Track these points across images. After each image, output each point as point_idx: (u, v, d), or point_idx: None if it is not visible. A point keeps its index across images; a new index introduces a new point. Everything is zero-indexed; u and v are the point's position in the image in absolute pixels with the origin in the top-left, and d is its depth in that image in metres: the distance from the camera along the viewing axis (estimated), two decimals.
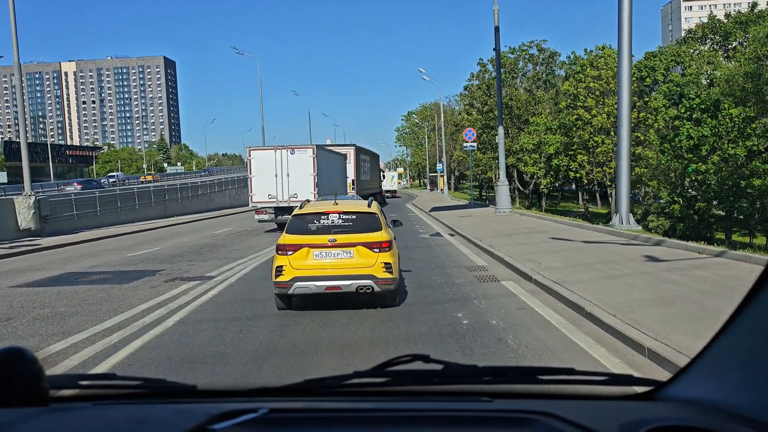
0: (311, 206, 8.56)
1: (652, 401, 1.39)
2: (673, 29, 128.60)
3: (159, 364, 5.90)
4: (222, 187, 49.71)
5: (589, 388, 1.48)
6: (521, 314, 7.50)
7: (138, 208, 34.29)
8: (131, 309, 8.68)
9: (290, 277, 7.63)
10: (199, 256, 15.30)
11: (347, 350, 6.21)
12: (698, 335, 5.58)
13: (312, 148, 22.59)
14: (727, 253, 10.50)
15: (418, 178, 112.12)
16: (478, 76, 52.45)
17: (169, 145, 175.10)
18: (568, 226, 18.49)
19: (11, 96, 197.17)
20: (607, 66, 40.37)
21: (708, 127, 31.90)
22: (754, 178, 29.78)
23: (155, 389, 1.54)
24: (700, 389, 1.25)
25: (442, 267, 11.88)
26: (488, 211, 28.12)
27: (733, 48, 48.99)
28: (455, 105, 79.82)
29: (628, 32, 15.83)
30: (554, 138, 43.48)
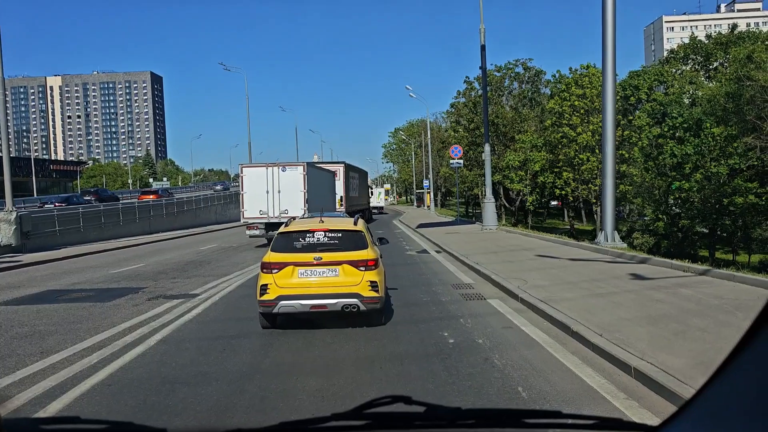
0: (297, 224, 8.44)
1: None
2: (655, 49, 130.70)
3: (139, 385, 5.78)
4: (208, 203, 49.43)
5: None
6: (507, 333, 7.47)
7: (122, 224, 33.97)
8: (112, 328, 8.53)
9: (275, 295, 7.53)
10: (183, 273, 15.13)
11: (332, 370, 6.12)
12: (684, 355, 5.57)
13: (303, 166, 23.07)
14: (712, 271, 10.56)
15: (405, 194, 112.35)
16: (464, 94, 52.89)
17: (155, 160, 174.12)
18: (554, 244, 18.55)
19: None
20: (591, 84, 40.90)
21: (691, 146, 32.35)
22: (737, 196, 30.16)
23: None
24: None
25: (428, 285, 11.83)
26: (475, 228, 28.17)
27: (714, 68, 49.84)
28: (442, 122, 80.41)
29: (612, 51, 16.03)
30: (540, 155, 43.84)
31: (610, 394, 5.02)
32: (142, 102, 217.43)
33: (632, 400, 4.85)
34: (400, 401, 1.41)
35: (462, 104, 53.61)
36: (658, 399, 4.80)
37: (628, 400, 4.88)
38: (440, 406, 1.44)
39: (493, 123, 45.42)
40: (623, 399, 4.90)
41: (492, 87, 47.67)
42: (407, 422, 1.41)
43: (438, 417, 1.44)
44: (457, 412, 1.42)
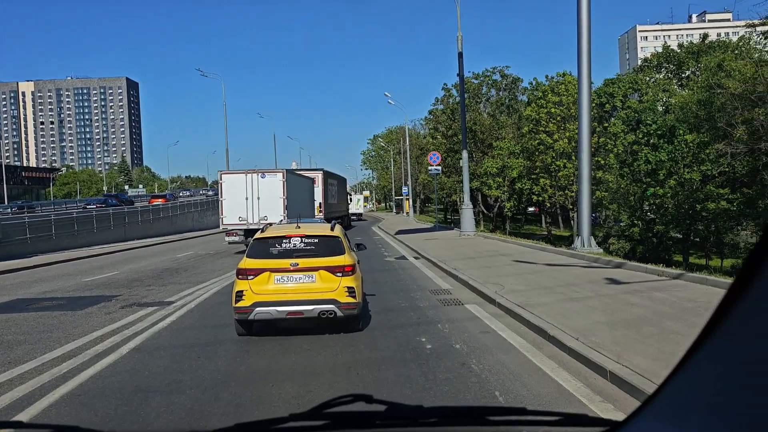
0: (273, 230, 8.36)
1: None
2: (630, 57, 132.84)
3: (111, 394, 5.65)
4: (184, 210, 48.94)
5: (542, 430, 1.41)
6: (485, 338, 7.47)
7: (96, 232, 33.43)
8: (84, 336, 8.35)
9: (251, 302, 7.44)
10: (158, 281, 14.91)
11: (308, 377, 6.06)
12: (658, 358, 5.61)
13: (282, 172, 23.24)
14: (685, 275, 10.70)
15: (384, 201, 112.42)
16: (442, 101, 53.22)
17: (131, 167, 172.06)
18: (532, 249, 18.67)
19: None
20: (567, 92, 41.36)
21: (665, 152, 32.90)
22: (709, 201, 30.70)
23: None
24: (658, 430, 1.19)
25: (406, 290, 11.81)
26: (453, 234, 28.25)
27: (687, 77, 50.81)
28: (420, 129, 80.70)
29: (587, 60, 16.23)
30: (517, 162, 44.20)
31: (586, 398, 5.04)
32: (118, 108, 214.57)
33: (608, 403, 4.87)
34: (360, 400, 1.38)
35: (440, 111, 53.93)
36: (633, 401, 4.82)
37: (604, 402, 4.90)
38: (402, 405, 1.41)
39: (471, 130, 45.70)
40: (599, 402, 4.91)
41: (470, 94, 48.02)
42: (368, 422, 1.38)
43: (400, 416, 1.41)
44: (419, 411, 1.39)
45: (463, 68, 28.24)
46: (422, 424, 1.38)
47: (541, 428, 1.40)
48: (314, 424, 1.35)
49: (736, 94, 27.21)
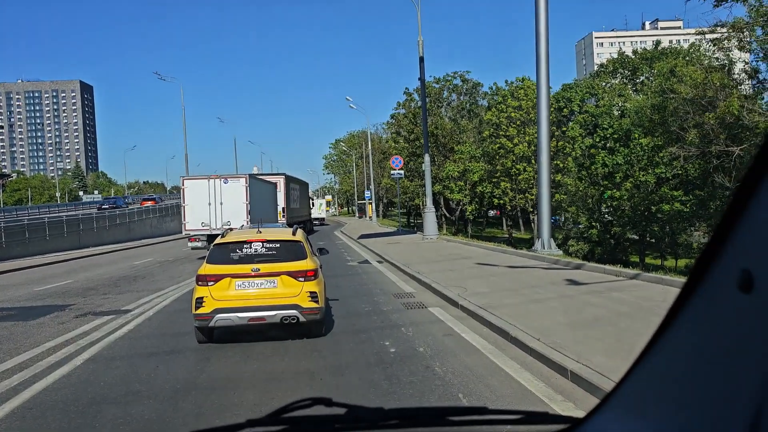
0: (233, 235, 8.21)
1: None
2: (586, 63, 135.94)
3: (64, 407, 5.45)
4: (142, 216, 47.90)
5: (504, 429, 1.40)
6: (448, 341, 7.49)
7: (49, 239, 32.42)
8: (36, 348, 8.05)
9: (211, 308, 7.29)
10: (115, 289, 14.52)
11: (271, 384, 5.97)
12: (617, 356, 5.71)
13: (245, 177, 23.17)
14: (642, 275, 10.96)
15: (346, 205, 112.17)
16: (404, 105, 53.42)
17: (86, 172, 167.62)
18: (493, 252, 18.86)
19: None
20: (527, 97, 42.06)
21: (621, 156, 33.71)
22: (664, 203, 31.59)
23: None
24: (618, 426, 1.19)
25: (369, 294, 11.78)
26: (416, 238, 28.36)
27: (641, 82, 52.22)
28: (383, 133, 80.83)
29: (546, 65, 16.52)
30: (478, 166, 44.69)
31: (548, 398, 5.09)
32: (71, 112, 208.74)
33: (569, 402, 4.93)
34: (320, 404, 1.35)
35: (402, 115, 54.12)
36: (594, 400, 4.88)
37: (565, 402, 4.95)
38: (362, 407, 1.38)
39: (433, 134, 46.00)
40: (560, 401, 4.97)
41: (431, 98, 48.36)
42: (327, 425, 1.34)
43: (360, 419, 1.38)
44: (379, 413, 1.37)
45: (424, 72, 28.47)
46: (383, 426, 1.35)
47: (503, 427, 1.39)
48: (273, 429, 1.31)
49: (688, 98, 28.06)
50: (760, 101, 28.45)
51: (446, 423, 1.37)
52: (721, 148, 26.94)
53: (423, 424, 1.39)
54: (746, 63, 30.30)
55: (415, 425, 1.38)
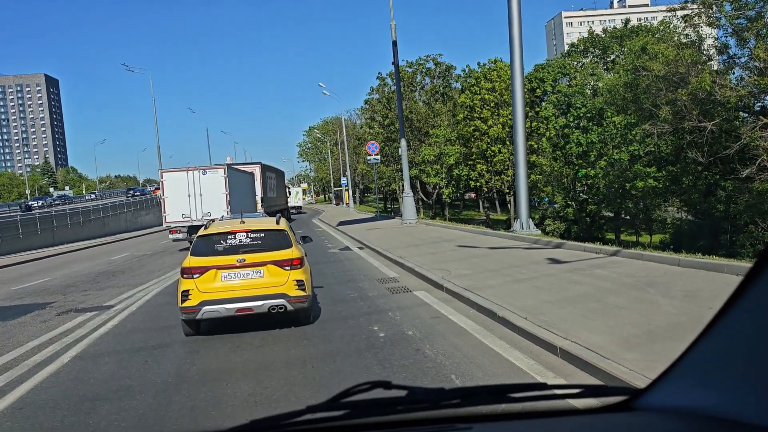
0: (217, 226, 8.13)
1: (631, 411, 1.34)
2: (557, 43, 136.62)
3: (56, 405, 5.40)
4: (117, 210, 47.20)
5: (564, 403, 1.42)
6: (436, 323, 7.56)
7: (22, 237, 31.83)
8: (19, 347, 7.94)
9: (198, 301, 7.27)
10: (95, 285, 14.34)
11: (263, 373, 5.97)
12: (604, 332, 5.83)
13: (223, 168, 23.31)
14: (621, 252, 11.16)
15: (323, 192, 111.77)
16: (378, 90, 53.21)
17: (55, 168, 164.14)
18: (473, 234, 19.00)
19: None
20: (500, 78, 42.20)
21: (595, 134, 34.08)
22: (637, 180, 32.06)
23: None
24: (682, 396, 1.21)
25: (354, 281, 11.81)
26: (395, 223, 28.42)
27: (612, 60, 52.71)
28: (357, 119, 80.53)
29: (519, 46, 16.58)
30: (454, 149, 44.82)
31: (540, 374, 5.18)
32: (37, 107, 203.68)
33: (560, 378, 5.03)
34: (379, 387, 1.35)
35: (376, 101, 53.92)
36: (584, 375, 4.99)
37: (557, 378, 5.05)
38: (422, 388, 1.39)
39: (408, 118, 45.97)
40: (552, 378, 5.06)
41: (404, 83, 48.19)
42: (389, 408, 1.35)
43: (421, 399, 1.39)
44: (440, 393, 1.38)
45: (398, 57, 28.33)
46: (444, 406, 1.36)
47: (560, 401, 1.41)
48: (333, 414, 1.31)
49: (660, 75, 28.43)
50: (730, 76, 28.91)
51: (507, 400, 1.39)
52: (694, 123, 27.39)
53: (484, 402, 1.40)
54: (715, 39, 30.76)
55: (476, 403, 1.39)
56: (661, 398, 1.28)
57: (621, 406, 1.38)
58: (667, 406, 1.25)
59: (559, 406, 1.42)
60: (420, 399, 1.39)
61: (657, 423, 1.22)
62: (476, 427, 1.31)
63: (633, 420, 1.28)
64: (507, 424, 1.33)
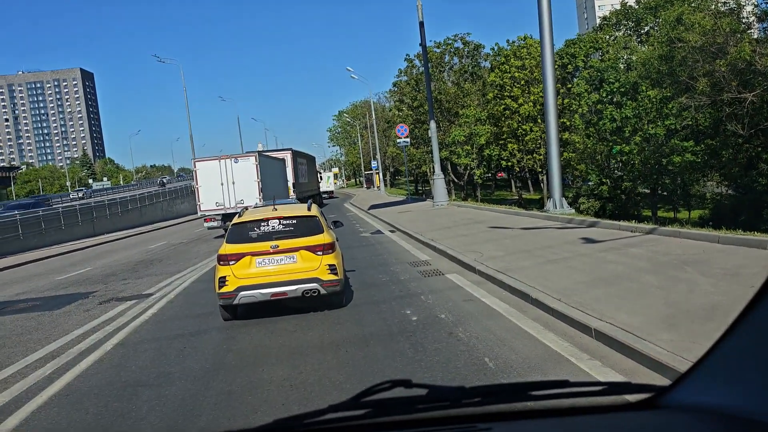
0: (250, 214, 8.35)
1: (655, 409, 1.31)
2: (588, 17, 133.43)
3: (100, 392, 5.59)
4: (153, 200, 48.14)
5: (587, 400, 1.40)
6: (469, 306, 7.54)
7: (64, 228, 32.74)
8: (65, 336, 8.22)
9: (234, 286, 7.49)
10: (134, 274, 14.70)
11: (297, 358, 6.05)
12: (641, 312, 5.74)
13: (254, 156, 23.54)
14: (658, 229, 10.92)
15: (353, 177, 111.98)
16: (406, 72, 52.83)
17: (93, 160, 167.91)
18: (505, 215, 18.84)
19: None
20: (530, 55, 41.47)
21: (629, 109, 33.24)
22: (674, 155, 31.22)
23: None
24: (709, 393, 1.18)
25: (385, 264, 11.85)
26: (426, 205, 28.35)
27: (646, 32, 51.22)
28: (385, 102, 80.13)
29: (549, 21, 16.24)
30: (484, 129, 44.33)
31: (574, 357, 5.13)
32: (74, 100, 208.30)
33: (595, 360, 4.97)
34: (399, 385, 1.35)
35: (404, 83, 53.55)
36: (620, 357, 4.93)
37: (592, 360, 4.99)
38: (443, 387, 1.39)
39: (437, 99, 45.55)
40: (587, 360, 5.01)
41: (433, 63, 47.70)
42: (409, 407, 1.35)
43: (441, 398, 1.39)
44: (461, 391, 1.37)
45: (425, 37, 28.05)
46: (465, 404, 1.36)
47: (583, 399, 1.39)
48: (355, 413, 1.32)
49: (697, 47, 27.54)
50: None
51: (528, 398, 1.37)
52: (733, 95, 26.51)
53: (505, 400, 1.39)
54: (756, 5, 29.59)
55: (498, 402, 1.38)
56: (687, 396, 1.25)
57: (646, 403, 1.35)
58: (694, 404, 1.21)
59: (582, 403, 1.39)
60: (441, 398, 1.39)
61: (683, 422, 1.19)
62: (497, 426, 1.30)
63: (658, 418, 1.25)
64: (528, 423, 1.31)
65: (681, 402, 1.25)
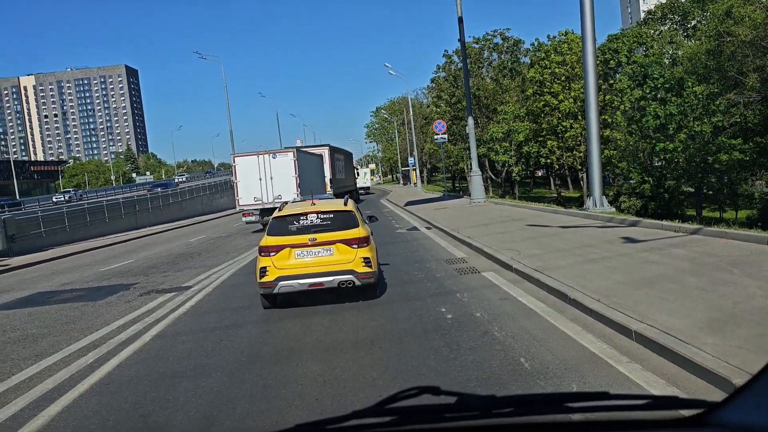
0: (290, 208, 8.72)
1: (704, 427, 1.23)
2: (632, 11, 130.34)
3: (138, 382, 5.70)
4: (193, 195, 49.04)
5: (628, 414, 1.31)
6: (505, 305, 7.44)
7: (108, 221, 33.63)
8: (106, 326, 8.42)
9: (274, 276, 7.86)
10: (173, 267, 14.98)
11: (332, 354, 6.06)
12: (684, 315, 5.56)
13: (292, 152, 23.75)
14: (703, 230, 10.58)
15: (390, 173, 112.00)
16: (444, 68, 52.55)
17: (137, 154, 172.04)
18: (543, 212, 18.56)
19: None
20: (571, 51, 40.74)
21: (674, 106, 32.32)
22: (721, 153, 30.25)
23: None
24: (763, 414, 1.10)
25: (421, 261, 11.79)
26: (463, 202, 28.14)
27: (693, 27, 49.72)
28: (423, 98, 79.88)
29: (591, 16, 15.90)
30: (523, 125, 43.77)
31: (613, 359, 5.00)
32: (119, 96, 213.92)
33: (635, 363, 4.84)
34: (427, 392, 1.29)
35: (442, 79, 53.27)
36: (660, 360, 4.79)
37: (631, 363, 4.86)
38: (472, 395, 1.33)
39: (475, 95, 45.16)
40: (626, 363, 4.88)
41: (471, 59, 47.31)
42: (437, 416, 1.29)
43: (471, 408, 1.33)
44: (492, 401, 1.31)
45: (464, 33, 27.80)
46: (496, 415, 1.29)
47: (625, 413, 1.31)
48: (379, 421, 1.28)
49: (747, 41, 26.59)
50: None
51: (564, 410, 1.30)
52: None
53: (539, 411, 1.32)
54: None
55: (531, 413, 1.31)
56: (740, 414, 1.16)
57: (693, 420, 1.25)
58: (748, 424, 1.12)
59: (623, 417, 1.31)
60: (470, 407, 1.32)
61: None
62: None
63: None
64: None
65: (733, 421, 1.16)
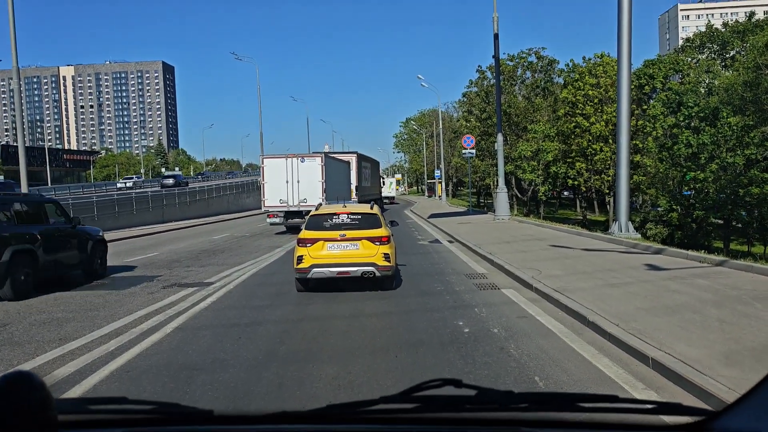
0: (325, 208, 10.42)
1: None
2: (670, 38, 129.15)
3: (158, 372, 5.83)
4: (220, 193, 49.67)
5: (635, 417, 1.39)
6: (522, 323, 7.44)
7: (135, 213, 34.23)
8: (129, 315, 8.61)
9: (309, 264, 9.42)
10: (197, 262, 15.22)
11: (348, 358, 6.14)
12: (703, 345, 5.53)
13: (321, 157, 24.00)
14: (729, 262, 10.46)
15: (416, 184, 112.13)
16: (476, 83, 52.54)
17: (167, 149, 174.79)
18: (568, 234, 18.45)
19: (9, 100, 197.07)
20: (605, 74, 40.45)
21: (707, 135, 31.91)
22: (753, 186, 29.75)
23: (169, 414, 1.48)
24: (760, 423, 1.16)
25: (441, 274, 11.83)
26: (487, 218, 28.08)
27: (731, 57, 49.11)
28: (453, 112, 79.99)
29: (628, 40, 15.85)
30: (552, 145, 43.52)
31: (628, 384, 4.99)
32: (154, 92, 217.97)
33: (651, 390, 4.82)
34: (450, 384, 1.39)
35: (474, 94, 53.27)
36: (676, 389, 4.77)
37: (647, 390, 4.84)
38: (492, 390, 1.42)
39: (506, 113, 45.06)
40: (641, 389, 4.87)
41: (504, 76, 47.25)
42: (458, 406, 1.39)
43: (489, 400, 1.42)
44: (509, 396, 1.40)
45: (498, 50, 27.88)
46: (513, 409, 1.38)
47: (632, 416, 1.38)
48: (405, 406, 1.37)
49: None
50: None
51: (576, 409, 1.38)
52: None
53: (552, 409, 1.40)
54: None
55: (545, 409, 1.40)
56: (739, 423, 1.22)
57: (695, 426, 1.32)
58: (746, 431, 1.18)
59: (630, 420, 1.38)
60: (489, 400, 1.41)
61: None
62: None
63: None
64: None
65: (731, 428, 1.22)
